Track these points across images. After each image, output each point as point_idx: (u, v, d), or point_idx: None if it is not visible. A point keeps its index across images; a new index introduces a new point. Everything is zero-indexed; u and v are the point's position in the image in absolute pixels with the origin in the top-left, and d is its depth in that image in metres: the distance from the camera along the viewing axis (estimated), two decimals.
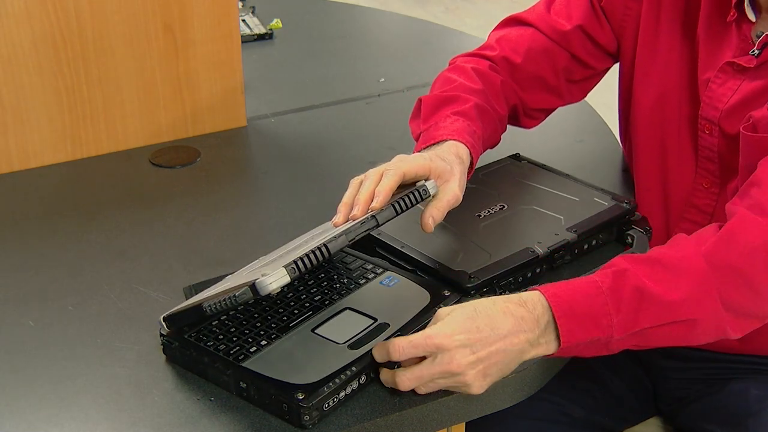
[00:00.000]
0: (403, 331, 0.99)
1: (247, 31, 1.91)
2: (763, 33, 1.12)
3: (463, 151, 1.14)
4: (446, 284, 1.07)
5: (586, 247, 1.17)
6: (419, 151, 1.15)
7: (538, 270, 1.13)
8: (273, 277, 0.88)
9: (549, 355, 0.99)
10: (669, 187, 1.25)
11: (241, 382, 0.95)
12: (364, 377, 0.96)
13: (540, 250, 1.12)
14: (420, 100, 1.24)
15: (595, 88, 1.39)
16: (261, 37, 1.91)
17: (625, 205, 1.21)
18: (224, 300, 0.91)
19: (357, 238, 0.97)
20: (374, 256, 1.14)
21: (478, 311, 0.96)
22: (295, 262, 0.90)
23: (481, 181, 1.27)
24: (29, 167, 1.42)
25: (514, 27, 1.34)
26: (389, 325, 1.00)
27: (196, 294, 1.06)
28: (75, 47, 1.38)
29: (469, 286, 1.06)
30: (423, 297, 1.05)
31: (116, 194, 1.37)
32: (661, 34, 1.23)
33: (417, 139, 1.20)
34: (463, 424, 1.06)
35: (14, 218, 1.31)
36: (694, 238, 1.04)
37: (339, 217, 1.01)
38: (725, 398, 1.23)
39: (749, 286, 1.01)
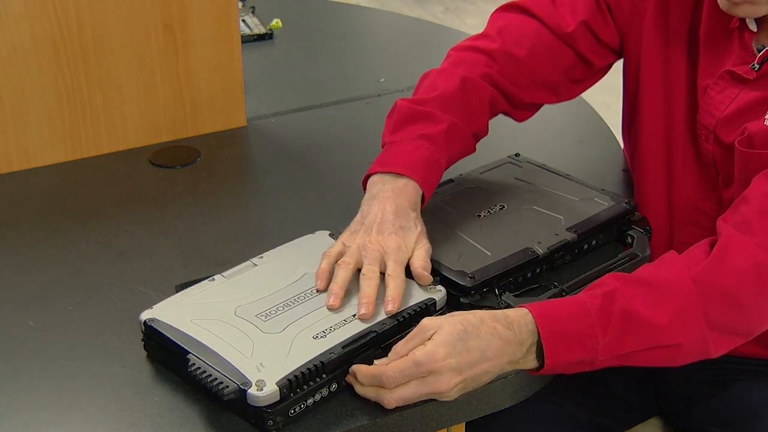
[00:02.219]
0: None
1: (247, 31, 1.91)
2: (764, 47, 1.12)
3: (417, 195, 1.13)
4: (446, 284, 1.07)
5: (586, 247, 1.17)
6: (374, 175, 1.14)
7: (538, 270, 1.13)
8: (265, 392, 0.89)
9: (530, 371, 1.00)
10: (674, 188, 1.24)
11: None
12: (335, 385, 0.96)
13: (540, 250, 1.12)
14: (396, 104, 1.22)
15: (595, 88, 1.39)
16: (261, 37, 1.91)
17: (625, 205, 1.21)
18: (210, 382, 0.91)
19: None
20: None
21: (468, 332, 0.95)
22: (288, 379, 0.91)
23: (481, 181, 1.27)
24: (29, 167, 1.42)
25: (518, 15, 1.31)
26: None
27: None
28: (75, 47, 1.38)
29: (469, 286, 1.06)
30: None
31: (116, 194, 1.37)
32: (668, 37, 1.22)
33: (382, 146, 1.20)
34: (463, 424, 1.06)
35: (14, 218, 1.31)
36: (685, 258, 1.04)
37: (335, 301, 1.01)
38: (728, 400, 1.23)
39: (737, 307, 1.02)
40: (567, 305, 1.00)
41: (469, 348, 0.95)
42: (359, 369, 0.95)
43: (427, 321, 0.97)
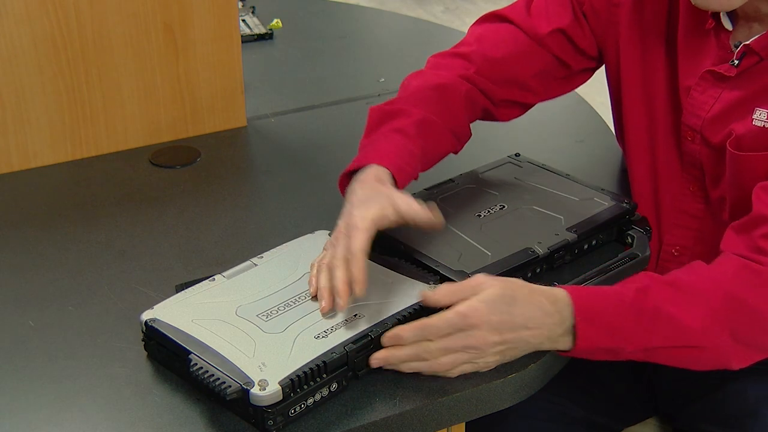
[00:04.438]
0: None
1: (247, 31, 1.91)
2: (741, 43, 1.12)
3: (383, 172, 1.12)
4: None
5: (586, 247, 1.17)
6: (350, 174, 1.13)
7: (538, 270, 1.13)
8: (267, 392, 0.90)
9: (561, 352, 1.02)
10: (660, 192, 1.25)
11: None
12: (335, 385, 0.96)
13: (540, 250, 1.12)
14: (369, 110, 1.22)
15: (595, 88, 1.39)
16: (261, 37, 1.91)
17: (625, 205, 1.21)
18: (212, 382, 0.91)
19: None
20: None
21: (516, 298, 0.99)
22: (291, 379, 0.91)
23: (481, 181, 1.27)
24: (29, 167, 1.42)
25: (494, 23, 1.33)
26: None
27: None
28: (75, 47, 1.38)
29: None
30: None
31: (116, 194, 1.37)
32: (645, 41, 1.23)
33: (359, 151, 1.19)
34: (463, 424, 1.06)
35: (14, 218, 1.31)
36: (715, 268, 1.06)
37: (326, 306, 1.00)
38: (724, 398, 1.23)
39: (763, 324, 1.04)
40: (603, 293, 1.03)
41: (512, 312, 0.98)
42: (402, 328, 0.97)
43: (480, 277, 1.00)
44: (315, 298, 1.03)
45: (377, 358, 0.98)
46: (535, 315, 0.99)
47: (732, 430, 1.21)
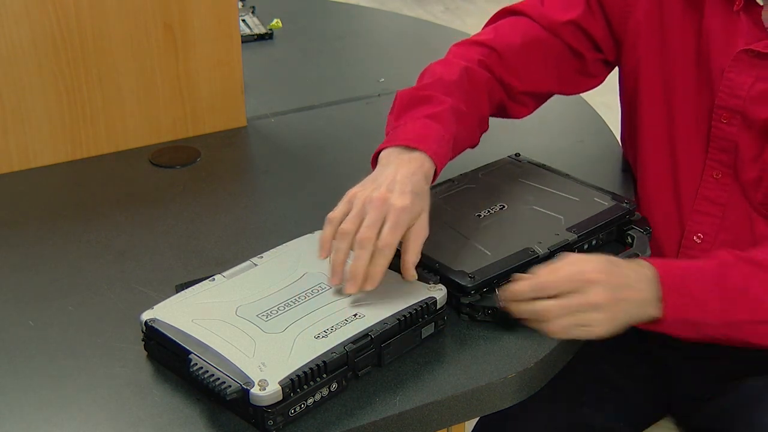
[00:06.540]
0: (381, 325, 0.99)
1: (247, 31, 1.91)
2: None
3: (430, 168, 1.11)
4: (446, 284, 1.07)
5: (586, 247, 1.17)
6: (385, 149, 1.12)
7: None
8: (267, 392, 0.90)
9: (649, 324, 1.05)
10: (679, 180, 1.25)
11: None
12: (335, 385, 0.96)
13: (540, 250, 1.12)
14: (397, 94, 1.22)
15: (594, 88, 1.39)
16: (261, 37, 1.91)
17: (625, 205, 1.21)
18: (212, 382, 0.91)
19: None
20: None
21: (612, 261, 1.04)
22: (291, 379, 0.91)
23: (481, 181, 1.27)
24: (29, 167, 1.42)
25: (509, 17, 1.34)
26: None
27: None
28: (75, 47, 1.38)
29: (469, 286, 1.06)
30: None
31: (116, 194, 1.37)
32: (665, 28, 1.23)
33: (387, 134, 1.18)
34: (464, 424, 1.06)
35: (14, 218, 1.31)
36: None
37: (335, 280, 1.02)
38: (740, 396, 1.23)
39: None
40: (686, 266, 1.07)
41: (619, 272, 1.03)
42: (520, 284, 1.02)
43: (569, 254, 1.06)
44: (324, 258, 1.04)
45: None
46: (634, 276, 1.03)
47: (748, 429, 1.20)
